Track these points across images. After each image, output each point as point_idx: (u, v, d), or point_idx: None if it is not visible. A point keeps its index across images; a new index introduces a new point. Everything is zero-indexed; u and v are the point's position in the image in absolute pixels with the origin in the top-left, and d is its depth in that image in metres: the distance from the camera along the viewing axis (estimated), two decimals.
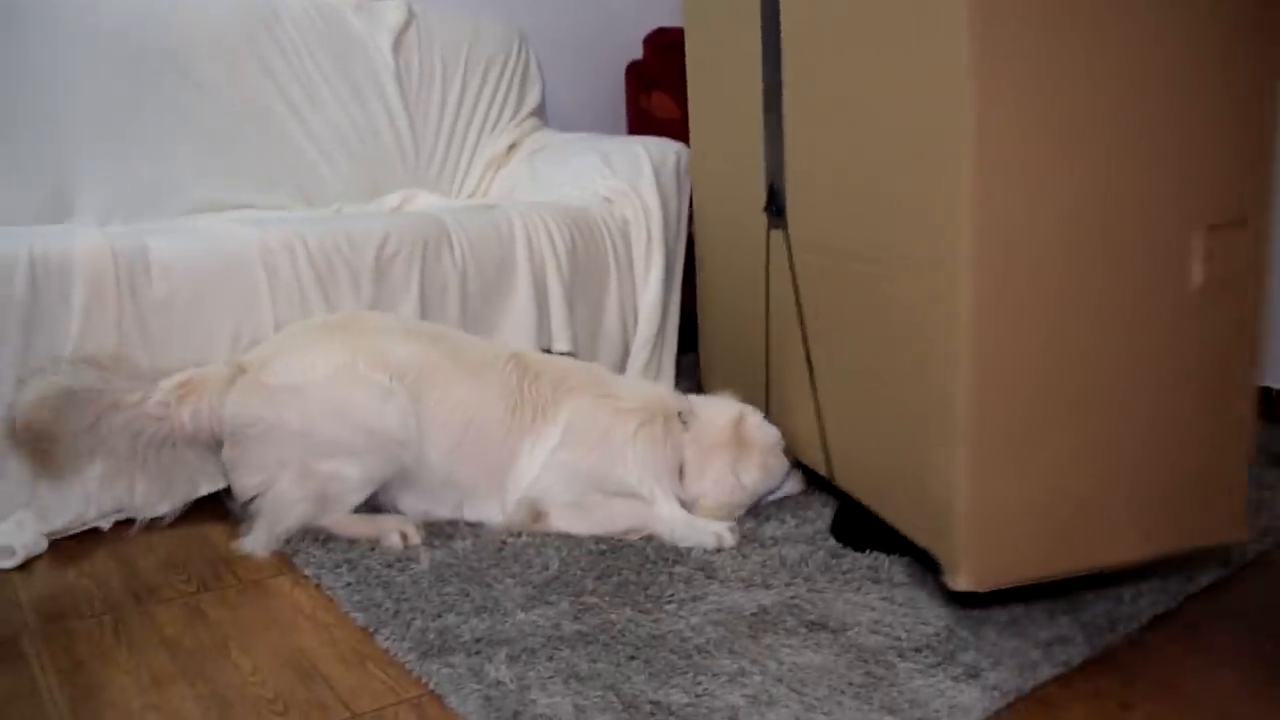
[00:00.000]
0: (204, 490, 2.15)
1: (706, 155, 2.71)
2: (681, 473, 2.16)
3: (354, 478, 2.01)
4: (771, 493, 2.24)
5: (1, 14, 2.62)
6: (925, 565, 1.89)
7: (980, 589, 1.63)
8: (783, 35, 2.14)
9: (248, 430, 2.00)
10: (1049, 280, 1.56)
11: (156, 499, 2.09)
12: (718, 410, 2.24)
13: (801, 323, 2.18)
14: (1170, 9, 1.54)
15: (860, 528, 2.04)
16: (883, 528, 1.95)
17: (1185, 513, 1.70)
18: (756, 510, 2.20)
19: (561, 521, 2.07)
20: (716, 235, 2.66)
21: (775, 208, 2.24)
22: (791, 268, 2.19)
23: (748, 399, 2.37)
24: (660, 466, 2.14)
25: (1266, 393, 2.95)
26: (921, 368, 1.70)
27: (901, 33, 1.68)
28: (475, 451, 2.09)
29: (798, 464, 2.28)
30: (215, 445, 2.06)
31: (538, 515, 2.08)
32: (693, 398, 2.30)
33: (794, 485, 2.28)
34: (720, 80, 2.54)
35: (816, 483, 2.30)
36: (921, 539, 1.80)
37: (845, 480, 2.11)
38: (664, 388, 2.33)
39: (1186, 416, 1.66)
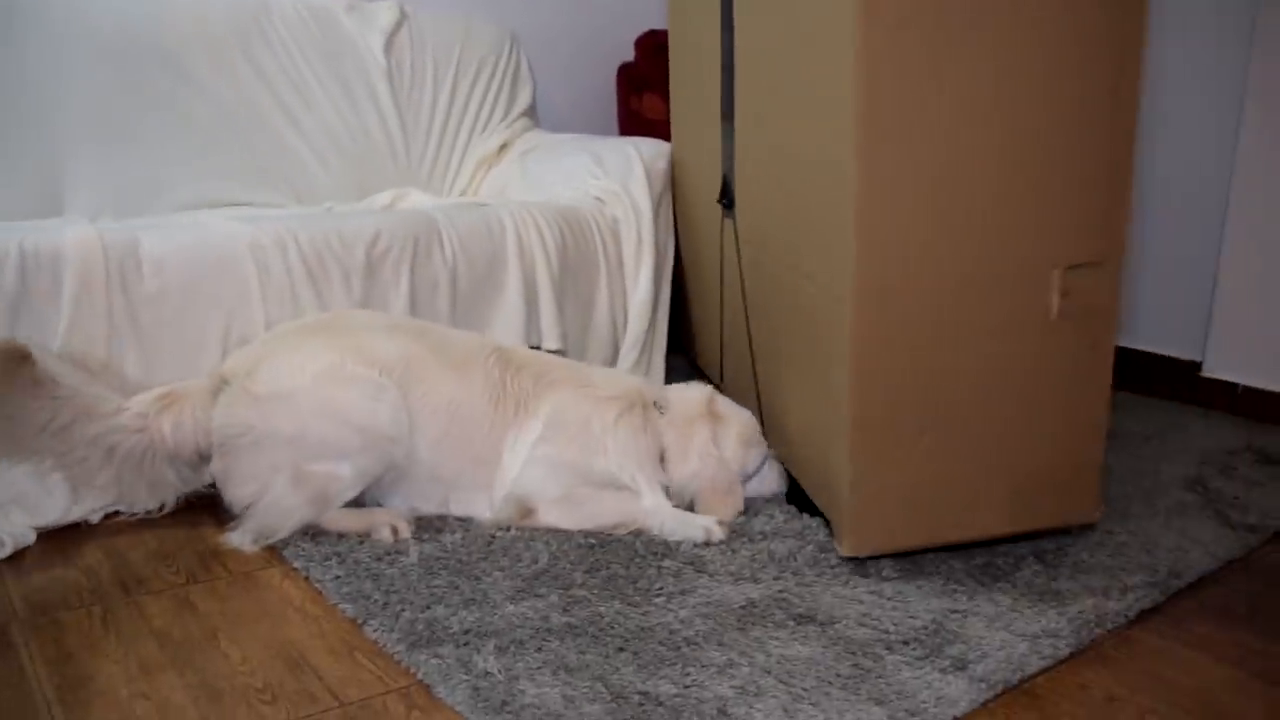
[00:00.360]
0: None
1: (683, 148, 2.95)
2: (663, 459, 2.17)
3: (348, 477, 2.01)
4: (752, 476, 2.25)
5: None
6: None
7: (859, 554, 1.90)
8: (735, 46, 2.38)
9: (238, 441, 1.98)
10: (921, 307, 1.80)
11: (140, 500, 2.08)
12: (689, 393, 2.28)
13: (745, 310, 2.40)
14: (1036, 74, 1.75)
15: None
16: None
17: (1043, 498, 1.96)
18: (745, 505, 2.20)
19: (550, 517, 2.07)
20: (687, 224, 2.92)
21: (727, 199, 2.48)
22: (738, 253, 2.43)
23: (713, 371, 2.59)
24: (643, 454, 2.15)
25: (1262, 393, 2.97)
26: (825, 366, 1.94)
27: (810, 74, 1.91)
28: (460, 443, 2.10)
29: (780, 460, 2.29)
30: (197, 459, 2.05)
31: (526, 512, 2.08)
32: (662, 387, 2.33)
33: (777, 479, 2.28)
34: (693, 80, 2.77)
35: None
36: (823, 506, 2.06)
37: (780, 454, 2.30)
38: (639, 378, 2.35)
39: (1044, 420, 1.91)
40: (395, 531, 2.00)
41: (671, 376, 2.94)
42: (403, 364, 2.08)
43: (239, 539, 1.98)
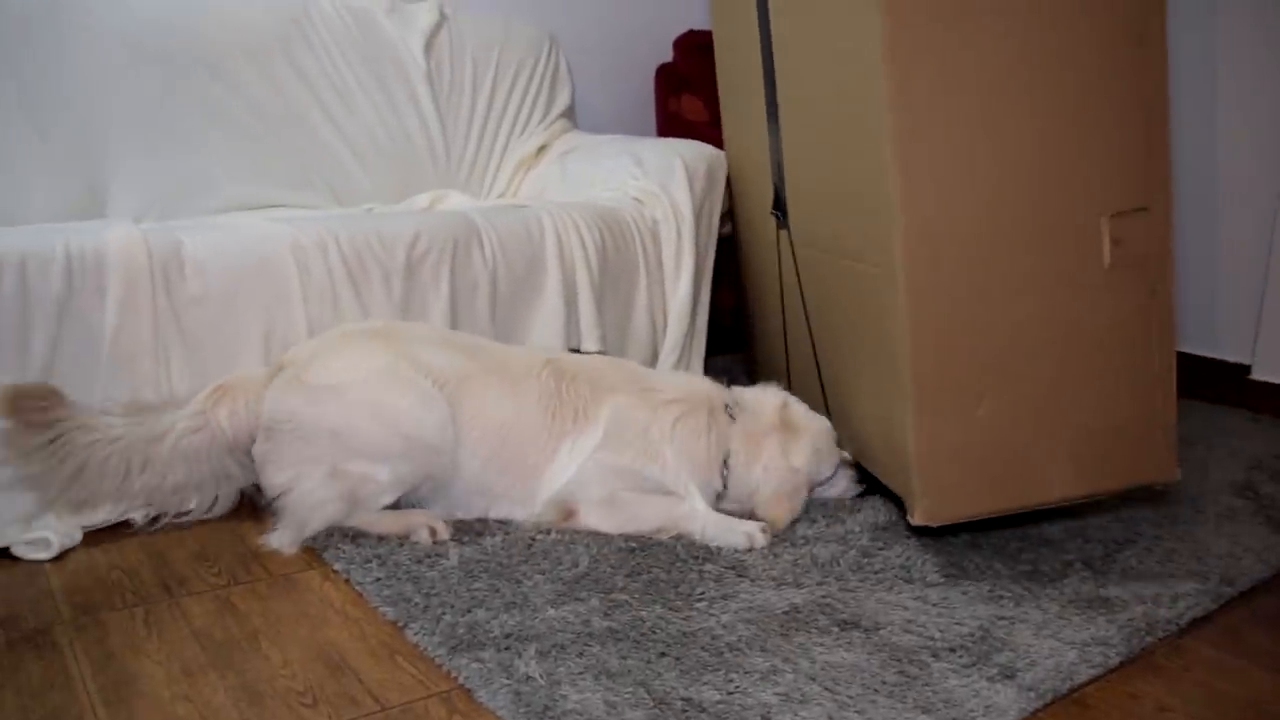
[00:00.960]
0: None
1: (737, 160, 2.93)
2: (727, 465, 2.15)
3: (384, 481, 2.01)
4: (823, 484, 2.23)
5: (38, 16, 2.65)
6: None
7: (932, 523, 1.87)
8: (773, 50, 2.39)
9: (283, 425, 1.99)
10: (971, 264, 1.80)
11: (206, 497, 2.10)
12: (763, 399, 2.25)
13: (805, 311, 2.41)
14: (1070, 23, 1.77)
15: None
16: None
17: (1114, 457, 1.92)
18: (810, 506, 2.18)
19: (591, 519, 2.06)
20: (746, 235, 2.90)
21: (779, 211, 2.49)
22: (795, 263, 2.44)
23: (778, 378, 2.51)
24: (699, 459, 2.13)
25: None
26: (881, 342, 1.95)
27: (840, 49, 1.94)
28: (512, 461, 2.09)
29: (856, 465, 2.26)
30: (253, 444, 2.06)
31: (568, 513, 2.07)
32: (736, 389, 2.29)
33: (848, 485, 2.26)
34: (739, 90, 2.77)
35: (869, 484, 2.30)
36: (895, 487, 2.04)
37: (847, 447, 2.30)
38: (708, 381, 2.30)
39: (1108, 374, 1.89)
40: (433, 533, 2.00)
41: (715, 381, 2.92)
42: (455, 379, 2.08)
43: (278, 540, 1.98)
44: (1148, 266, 1.86)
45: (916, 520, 1.86)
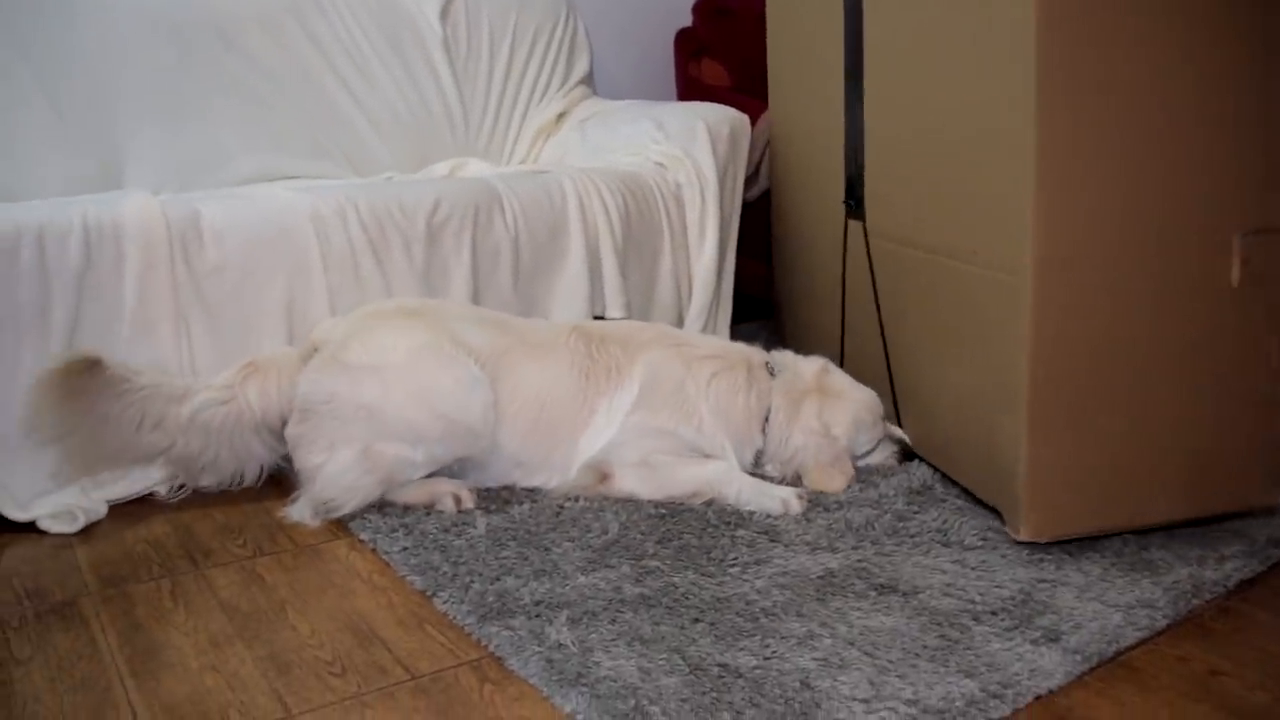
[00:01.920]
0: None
1: (786, 137, 2.80)
2: (768, 421, 2.12)
3: (419, 462, 1.97)
4: (862, 457, 2.19)
5: None
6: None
7: (1039, 539, 1.79)
8: (864, 31, 2.26)
9: (320, 406, 1.94)
10: (1100, 279, 1.73)
11: (226, 473, 2.06)
12: (801, 362, 2.23)
13: (878, 308, 2.30)
14: (1212, 39, 1.71)
15: None
16: None
17: (1220, 480, 1.86)
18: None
19: (626, 483, 2.02)
20: (796, 216, 2.78)
21: (853, 200, 2.36)
22: (869, 256, 2.32)
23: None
24: (737, 416, 2.10)
25: None
26: (989, 349, 1.88)
27: (976, 39, 1.84)
28: (549, 430, 2.06)
29: (902, 446, 2.22)
30: (282, 427, 2.02)
31: (602, 477, 2.03)
32: (776, 352, 2.26)
33: (886, 454, 2.21)
34: (803, 66, 2.64)
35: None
36: (988, 496, 1.95)
37: (917, 446, 2.22)
38: (742, 343, 2.28)
39: (1223, 397, 1.83)
40: (458, 501, 1.97)
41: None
42: (493, 355, 2.04)
43: (298, 512, 1.95)
44: (1274, 288, 1.81)
45: (1022, 536, 1.79)
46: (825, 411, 2.13)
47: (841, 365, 2.38)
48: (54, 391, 1.83)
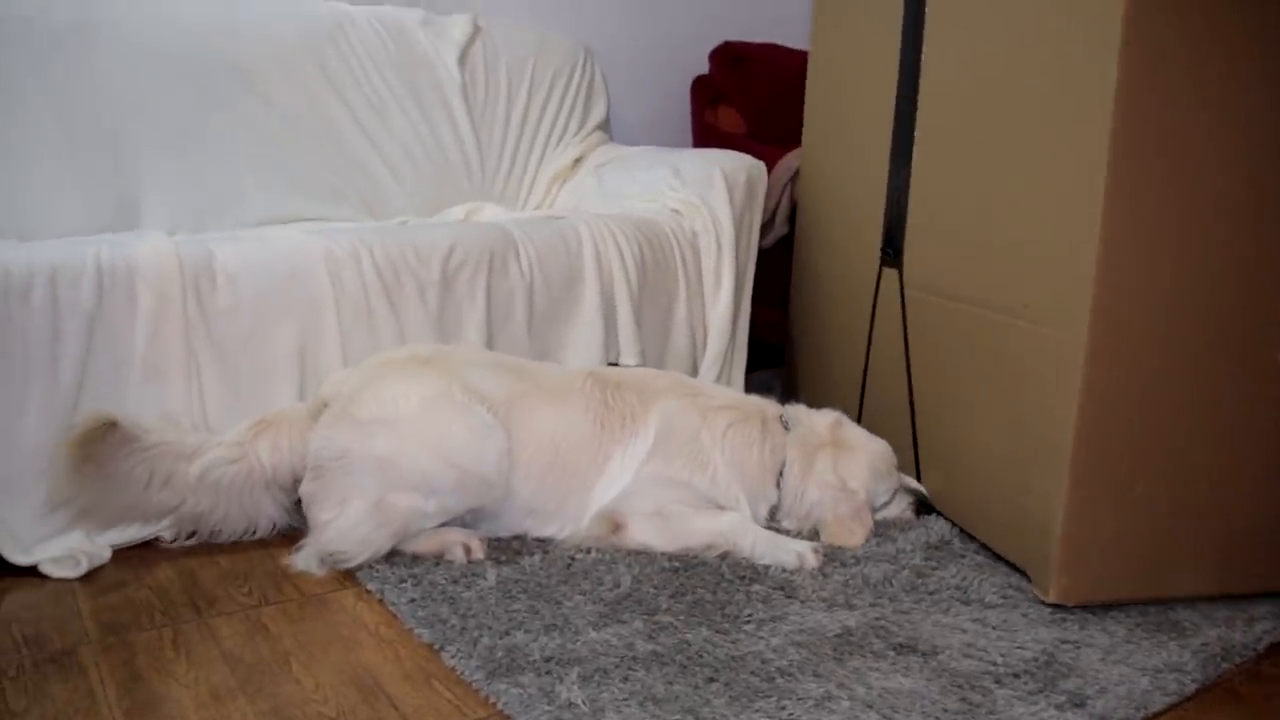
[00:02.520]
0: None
1: (819, 179, 2.78)
2: (782, 475, 2.10)
3: (431, 513, 1.93)
4: (879, 509, 2.15)
5: (71, 29, 2.63)
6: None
7: (1068, 602, 1.77)
8: (921, 74, 2.24)
9: (333, 464, 1.91)
10: (1155, 341, 1.74)
11: (236, 529, 2.03)
12: (815, 415, 2.21)
13: (907, 359, 2.29)
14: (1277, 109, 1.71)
15: None
16: None
17: (1254, 559, 1.85)
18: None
19: (640, 533, 1.98)
20: (822, 262, 2.76)
21: (891, 249, 2.34)
22: (903, 305, 2.31)
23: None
24: (752, 469, 2.08)
25: None
26: (1029, 407, 1.87)
27: (1047, 97, 1.84)
28: (564, 476, 2.03)
29: (918, 496, 2.19)
30: (294, 486, 1.99)
31: (616, 527, 2.00)
32: (789, 406, 2.25)
33: (902, 506, 2.18)
34: (846, 113, 2.62)
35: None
36: (1014, 555, 1.93)
37: (939, 504, 2.19)
38: (760, 397, 2.26)
39: (1260, 473, 1.82)
40: (468, 551, 1.93)
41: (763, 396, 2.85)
42: (507, 402, 2.02)
43: (304, 561, 1.91)
44: None
45: (1051, 598, 1.78)
46: (840, 465, 2.10)
47: (860, 415, 2.36)
48: (74, 460, 1.83)
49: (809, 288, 2.82)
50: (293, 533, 2.03)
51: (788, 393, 2.89)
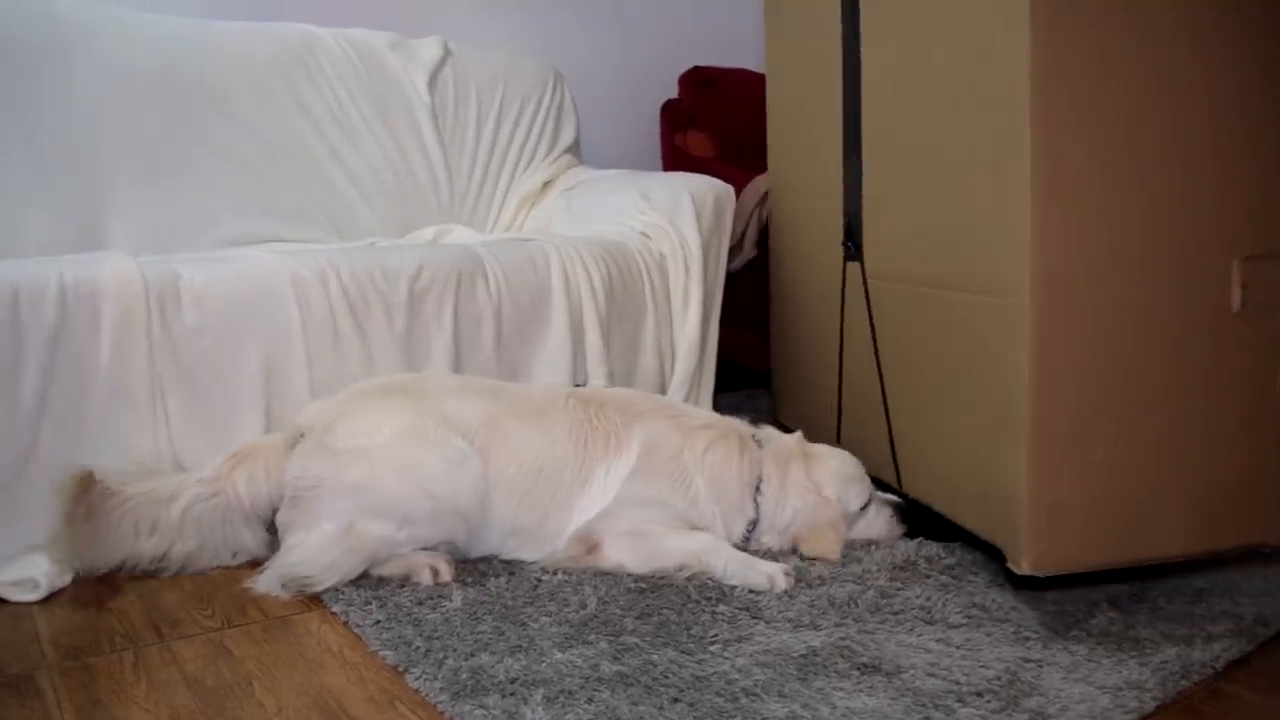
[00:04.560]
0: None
1: (785, 189, 2.84)
2: (760, 491, 2.12)
3: (401, 542, 1.93)
4: (858, 520, 2.16)
5: (41, 48, 2.63)
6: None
7: (1039, 573, 1.76)
8: (861, 71, 2.30)
9: (309, 493, 1.91)
10: (1100, 303, 1.73)
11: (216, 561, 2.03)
12: (781, 435, 2.25)
13: (875, 348, 2.31)
14: (1213, 58, 1.72)
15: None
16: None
17: (1226, 514, 1.83)
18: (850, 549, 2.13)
19: (615, 553, 1.99)
20: (793, 269, 2.80)
21: (851, 242, 2.38)
22: (866, 296, 2.34)
23: (819, 427, 2.52)
24: (731, 486, 2.09)
25: None
26: (987, 380, 1.87)
27: (970, 75, 1.86)
28: (547, 494, 2.03)
29: (899, 508, 2.21)
30: (272, 515, 1.99)
31: (592, 547, 2.00)
32: (760, 427, 2.28)
33: (888, 525, 2.19)
34: (800, 119, 2.69)
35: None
36: (985, 532, 1.94)
37: (914, 488, 2.21)
38: (731, 416, 2.29)
39: (1226, 428, 1.80)
40: (435, 574, 1.92)
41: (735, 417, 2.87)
42: (485, 427, 2.02)
43: (266, 582, 1.89)
44: (1274, 316, 1.79)
45: (1024, 569, 1.76)
46: (813, 471, 2.13)
47: (839, 423, 2.44)
48: (75, 516, 1.86)
49: (784, 301, 2.86)
50: (259, 559, 2.01)
51: (775, 411, 2.95)
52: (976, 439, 1.92)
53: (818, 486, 2.11)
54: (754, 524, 2.12)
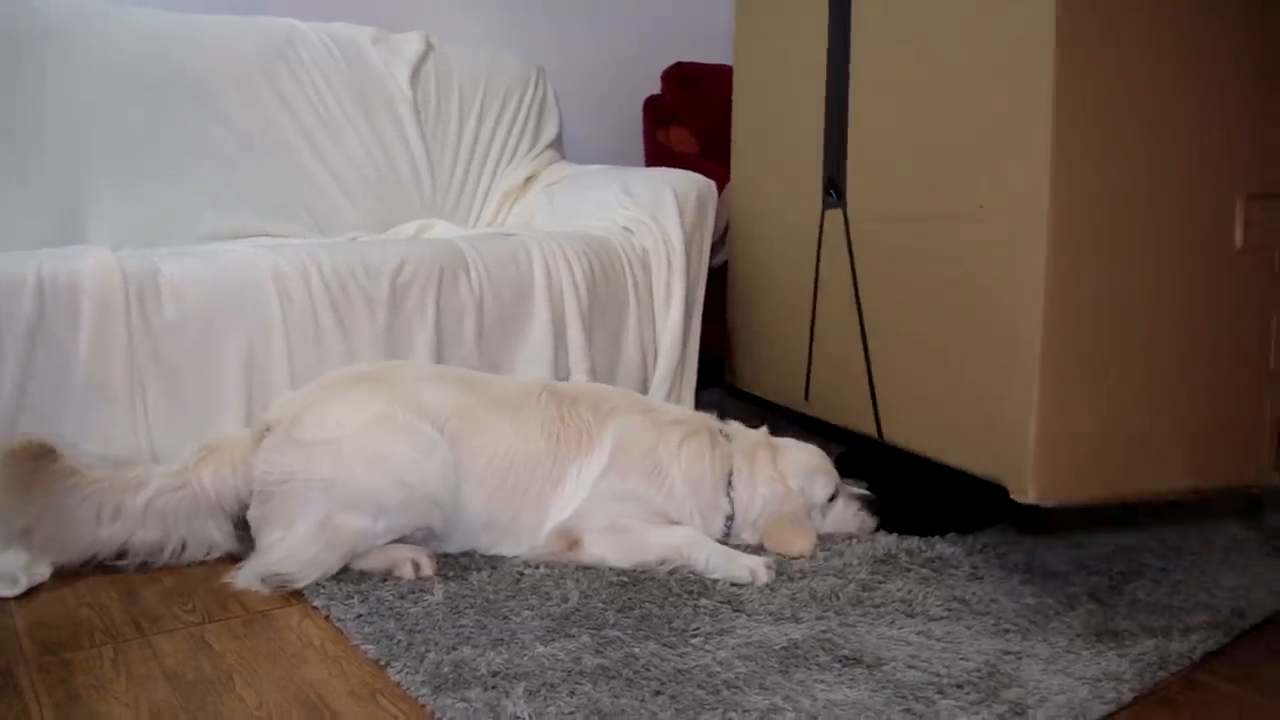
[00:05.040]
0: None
1: (750, 151, 2.83)
2: (732, 484, 2.13)
3: (379, 533, 1.92)
4: (825, 511, 2.18)
5: (23, 43, 2.60)
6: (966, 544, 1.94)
7: (1045, 502, 1.76)
8: (851, 9, 2.30)
9: (278, 488, 1.90)
10: (1113, 230, 1.74)
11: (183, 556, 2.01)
12: (751, 431, 2.25)
13: (856, 295, 2.29)
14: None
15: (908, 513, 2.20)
16: (925, 513, 2.19)
17: (1223, 452, 1.86)
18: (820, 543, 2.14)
19: (596, 548, 1.99)
20: (757, 228, 2.79)
21: (834, 191, 2.37)
22: (849, 244, 2.32)
23: (782, 385, 2.57)
24: (705, 481, 2.10)
25: None
26: (993, 309, 1.86)
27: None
28: (518, 490, 2.02)
29: (869, 501, 2.22)
30: (240, 511, 1.98)
31: (572, 543, 2.00)
32: (726, 422, 2.29)
33: (855, 520, 2.20)
34: (773, 71, 2.68)
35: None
36: (987, 468, 1.91)
37: (897, 434, 2.21)
38: (700, 412, 2.30)
39: (1225, 364, 1.83)
40: (417, 567, 1.92)
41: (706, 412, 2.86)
42: (455, 416, 2.01)
43: (244, 579, 1.88)
44: (1273, 255, 1.83)
45: (1030, 498, 1.76)
46: (779, 462, 2.15)
47: (808, 378, 2.47)
48: (9, 478, 1.81)
49: (744, 262, 2.86)
50: (238, 554, 2.00)
51: (728, 375, 2.98)
52: (978, 372, 1.91)
53: (783, 477, 2.13)
54: (730, 519, 2.12)
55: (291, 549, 1.87)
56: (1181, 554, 2.08)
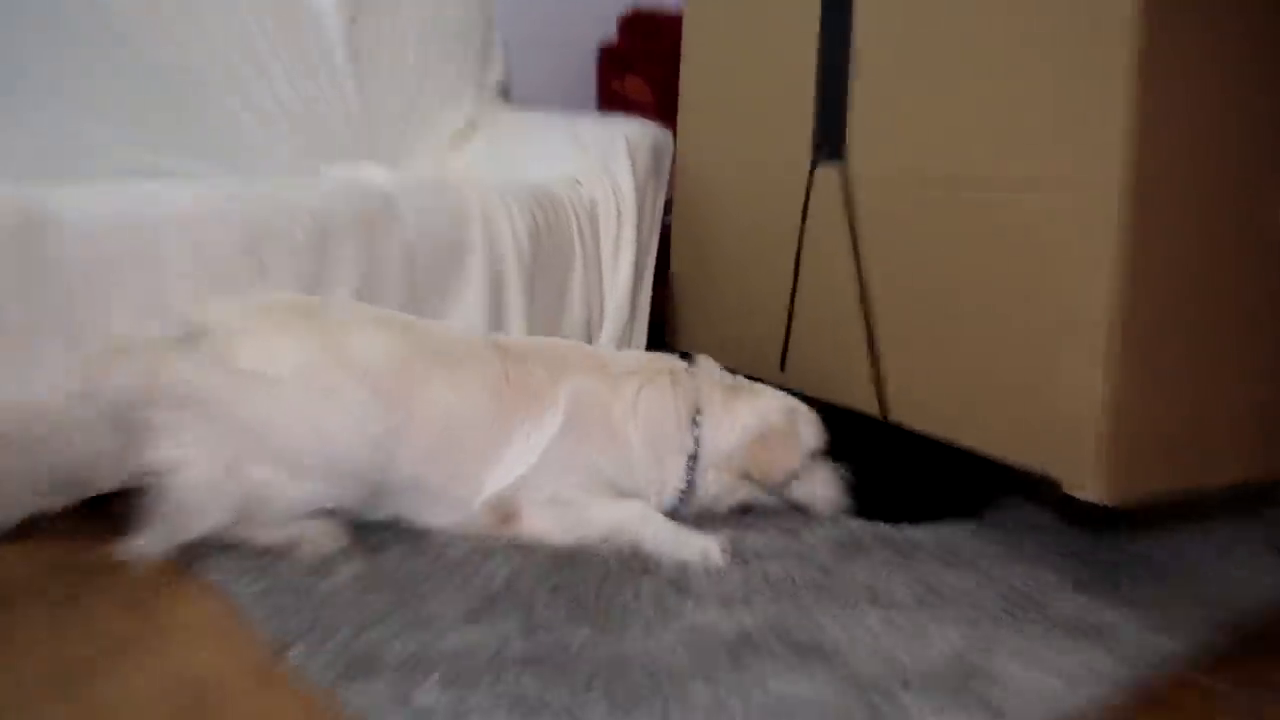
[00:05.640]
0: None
1: (703, 98, 2.67)
2: (697, 424, 1.99)
3: (289, 497, 1.73)
4: (809, 467, 2.03)
5: None
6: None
7: (1112, 502, 1.63)
8: None
9: (196, 406, 1.70)
10: (1189, 207, 1.63)
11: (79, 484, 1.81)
12: (708, 365, 2.13)
13: (857, 261, 2.12)
14: None
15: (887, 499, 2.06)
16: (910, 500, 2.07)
17: (1268, 443, 1.77)
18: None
19: (536, 523, 1.83)
20: (715, 185, 2.62)
21: (829, 144, 2.17)
22: (849, 208, 2.13)
23: (750, 354, 2.40)
24: (669, 429, 1.97)
25: None
26: (1047, 285, 1.71)
27: None
28: (454, 453, 1.85)
29: (849, 483, 2.07)
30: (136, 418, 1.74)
31: (507, 516, 1.84)
32: (695, 356, 2.16)
33: (832, 494, 2.06)
34: (737, 5, 2.50)
35: None
36: (1033, 457, 1.76)
37: (907, 415, 2.04)
38: (663, 353, 2.18)
39: (1270, 352, 1.75)
40: (325, 539, 1.74)
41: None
42: (392, 367, 1.82)
43: (135, 543, 1.67)
44: None
45: (1090, 495, 1.63)
46: (761, 396, 2.05)
47: (785, 348, 2.33)
48: None
49: (693, 222, 2.70)
50: (127, 521, 1.80)
51: (668, 337, 2.82)
52: (1026, 353, 1.76)
53: (768, 410, 2.01)
54: (694, 459, 1.98)
55: (188, 488, 1.67)
56: (1169, 545, 1.99)
